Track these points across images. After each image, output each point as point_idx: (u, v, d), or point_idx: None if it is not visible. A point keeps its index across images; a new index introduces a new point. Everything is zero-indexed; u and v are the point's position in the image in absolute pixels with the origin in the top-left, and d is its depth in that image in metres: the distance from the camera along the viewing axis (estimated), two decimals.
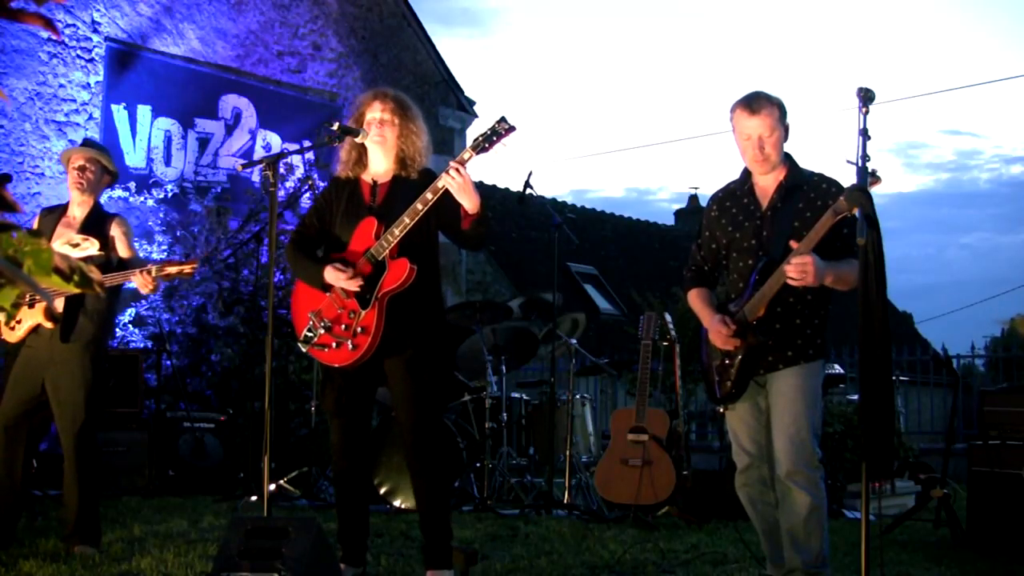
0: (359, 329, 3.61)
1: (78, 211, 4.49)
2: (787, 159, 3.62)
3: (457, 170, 3.46)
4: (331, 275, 3.64)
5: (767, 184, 3.63)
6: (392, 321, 3.62)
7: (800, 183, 3.58)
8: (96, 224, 4.43)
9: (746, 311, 3.52)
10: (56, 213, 4.51)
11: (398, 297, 3.62)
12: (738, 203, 3.69)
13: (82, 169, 4.46)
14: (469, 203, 3.51)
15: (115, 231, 4.46)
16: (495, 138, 3.52)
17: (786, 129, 3.59)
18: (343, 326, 3.64)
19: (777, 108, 3.54)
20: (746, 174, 3.70)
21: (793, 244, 3.38)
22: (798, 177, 3.59)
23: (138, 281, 4.23)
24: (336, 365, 3.68)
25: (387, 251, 3.61)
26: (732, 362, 3.58)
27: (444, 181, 3.48)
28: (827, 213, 3.30)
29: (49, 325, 4.26)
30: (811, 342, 3.54)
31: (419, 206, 3.54)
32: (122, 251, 4.46)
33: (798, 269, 3.31)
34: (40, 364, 4.32)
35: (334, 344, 3.65)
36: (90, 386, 4.35)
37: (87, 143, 4.81)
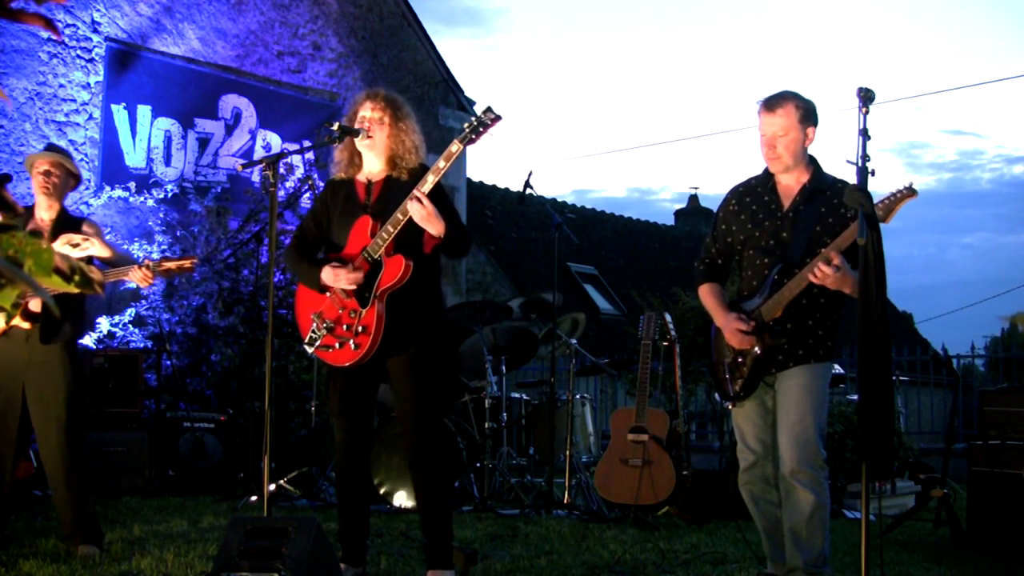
0: (360, 328, 3.62)
1: (46, 215, 4.46)
2: (812, 162, 3.62)
3: (420, 201, 3.50)
4: (328, 275, 3.65)
5: (789, 184, 3.62)
6: (392, 319, 3.63)
7: (823, 187, 3.57)
8: (66, 228, 4.39)
9: (763, 312, 3.52)
10: (23, 216, 4.44)
11: (397, 294, 3.63)
12: (759, 200, 3.68)
13: (47, 174, 4.44)
14: (433, 230, 3.57)
15: (88, 233, 4.39)
16: (482, 128, 3.55)
17: (810, 131, 3.57)
18: (345, 326, 3.65)
19: (798, 110, 3.52)
20: (768, 171, 3.68)
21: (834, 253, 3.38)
22: (821, 181, 3.58)
23: (137, 276, 4.24)
24: (341, 365, 3.68)
25: (383, 248, 3.62)
26: (745, 360, 3.58)
27: (409, 208, 3.53)
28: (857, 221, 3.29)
29: (26, 326, 4.22)
30: (822, 343, 3.55)
31: (400, 216, 3.58)
32: (102, 252, 4.35)
33: (825, 270, 3.31)
34: (17, 368, 4.28)
35: (337, 344, 3.66)
36: (72, 385, 4.34)
37: (51, 148, 4.76)
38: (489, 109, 3.56)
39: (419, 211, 3.52)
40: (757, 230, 3.64)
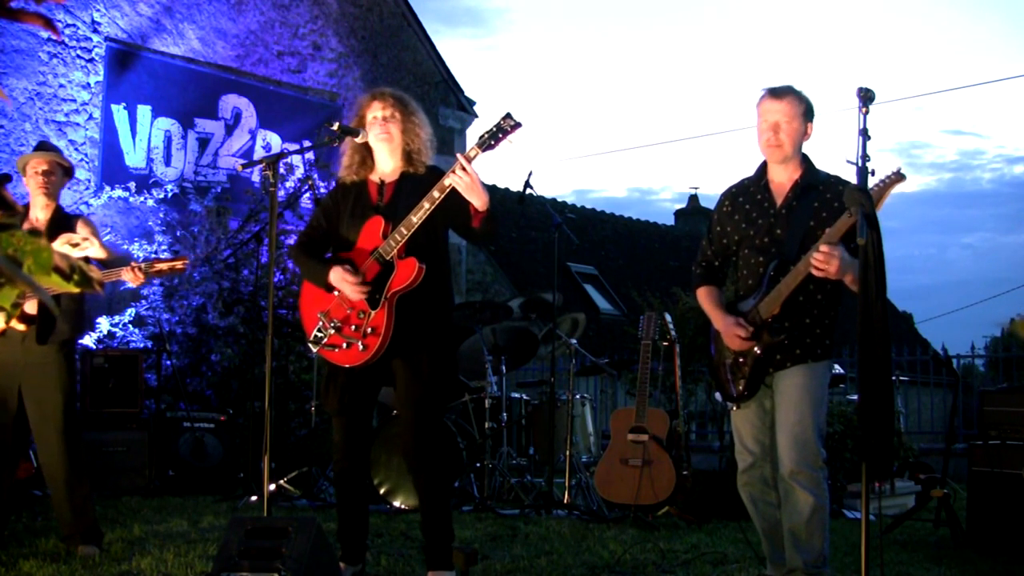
0: (369, 330, 3.59)
1: (41, 214, 4.45)
2: (804, 159, 3.63)
3: (464, 168, 3.46)
4: (336, 277, 3.62)
5: (782, 181, 3.62)
6: (400, 321, 3.61)
7: (816, 183, 3.57)
8: (62, 225, 4.38)
9: (761, 309, 3.52)
10: (21, 215, 4.43)
11: (407, 297, 3.61)
12: (752, 199, 3.68)
13: (47, 174, 4.44)
14: (478, 201, 3.51)
15: (83, 231, 4.38)
16: (501, 135, 3.51)
17: (809, 127, 3.58)
18: (353, 327, 3.63)
19: (802, 103, 3.55)
20: (761, 170, 3.69)
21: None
22: (814, 177, 3.59)
23: (128, 276, 4.27)
24: (347, 365, 3.67)
25: (395, 251, 3.60)
26: (746, 361, 3.58)
27: (451, 180, 3.48)
28: (847, 212, 3.29)
29: (22, 328, 4.22)
30: (820, 341, 3.54)
31: (426, 204, 3.53)
32: (97, 252, 4.33)
33: (824, 258, 3.31)
34: (14, 370, 4.28)
35: (344, 344, 3.63)
36: (67, 387, 4.34)
37: (43, 146, 4.75)
38: (509, 115, 3.51)
39: (464, 181, 3.46)
40: (751, 229, 3.64)
